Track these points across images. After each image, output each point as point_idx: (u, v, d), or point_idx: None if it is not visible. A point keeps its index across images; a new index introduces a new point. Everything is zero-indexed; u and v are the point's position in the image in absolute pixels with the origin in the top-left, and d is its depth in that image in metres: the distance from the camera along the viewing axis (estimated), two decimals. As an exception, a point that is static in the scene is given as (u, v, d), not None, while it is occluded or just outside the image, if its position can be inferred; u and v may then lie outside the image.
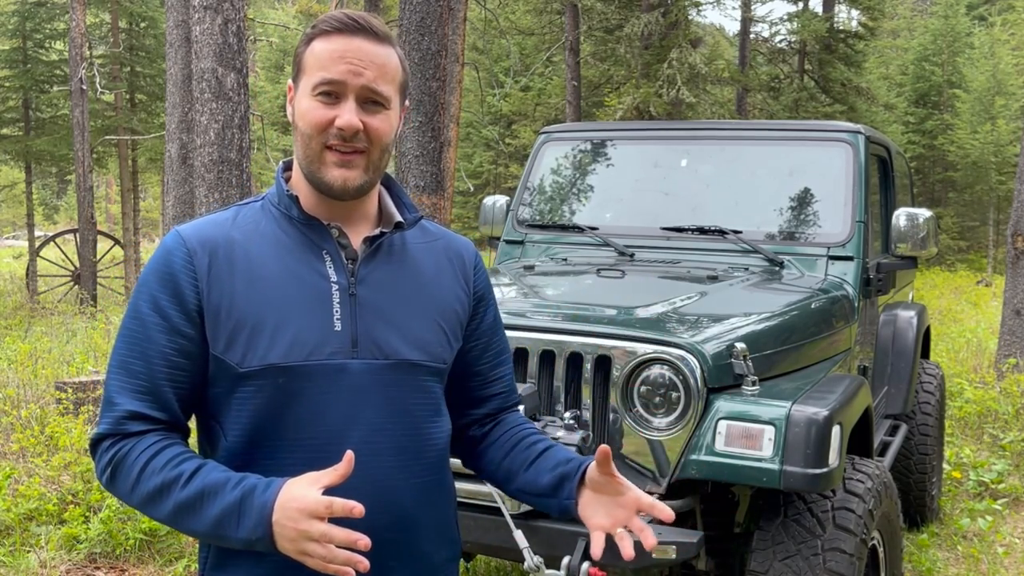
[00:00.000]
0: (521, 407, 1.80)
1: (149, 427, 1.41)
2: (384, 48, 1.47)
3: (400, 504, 1.47)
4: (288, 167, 1.56)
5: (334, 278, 1.46)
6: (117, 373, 1.43)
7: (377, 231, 1.52)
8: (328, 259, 1.47)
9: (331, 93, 1.43)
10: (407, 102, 1.56)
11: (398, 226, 1.54)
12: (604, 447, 1.47)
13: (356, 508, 1.28)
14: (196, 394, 1.47)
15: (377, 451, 1.45)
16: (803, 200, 3.95)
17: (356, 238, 1.51)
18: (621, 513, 1.51)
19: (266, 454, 1.43)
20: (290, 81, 1.52)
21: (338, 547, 1.28)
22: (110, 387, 1.43)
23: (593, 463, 1.51)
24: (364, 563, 1.29)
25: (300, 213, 1.48)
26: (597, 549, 1.50)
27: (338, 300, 1.45)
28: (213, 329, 1.42)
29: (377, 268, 1.51)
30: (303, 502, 1.28)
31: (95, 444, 1.43)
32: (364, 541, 1.28)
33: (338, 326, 1.44)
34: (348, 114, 1.42)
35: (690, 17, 17.65)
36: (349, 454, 1.31)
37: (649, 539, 1.48)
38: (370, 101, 1.45)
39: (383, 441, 1.45)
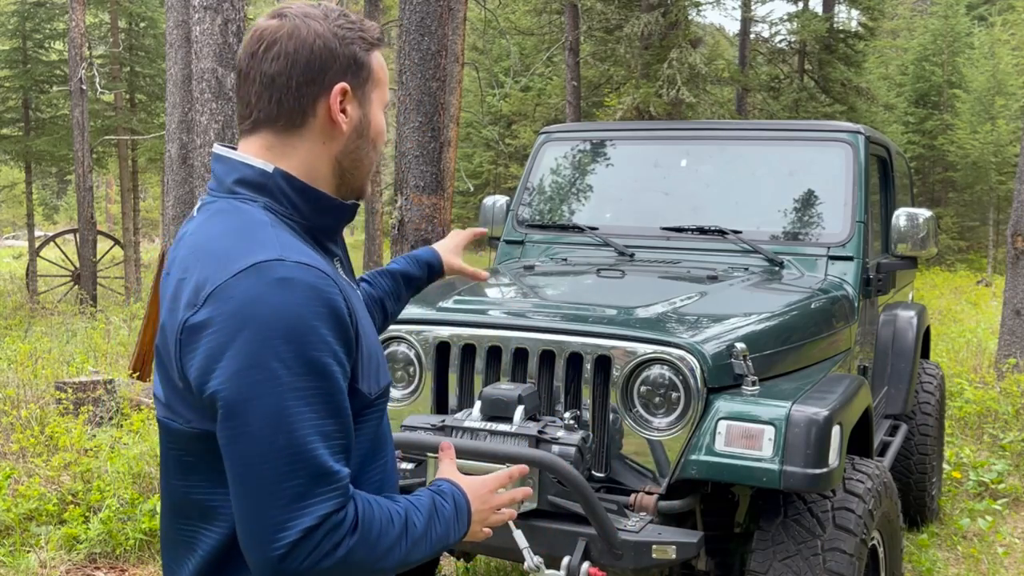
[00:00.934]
0: None
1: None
2: None
3: None
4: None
5: (354, 285, 1.48)
6: (318, 441, 1.20)
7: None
8: (339, 265, 1.45)
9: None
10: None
11: None
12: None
13: (524, 468, 1.61)
14: None
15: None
16: (803, 200, 3.95)
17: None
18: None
19: (367, 474, 1.40)
20: (344, 84, 1.37)
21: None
22: (320, 459, 1.20)
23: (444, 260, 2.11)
24: (513, 512, 1.54)
25: (336, 223, 1.43)
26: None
27: (368, 304, 1.52)
28: (362, 364, 1.33)
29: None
30: (486, 483, 1.49)
31: (316, 528, 1.19)
32: (529, 491, 1.59)
33: None
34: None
35: (690, 17, 17.65)
36: (447, 444, 1.55)
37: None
38: None
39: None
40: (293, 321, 1.20)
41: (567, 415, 2.75)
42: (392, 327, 3.00)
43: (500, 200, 4.55)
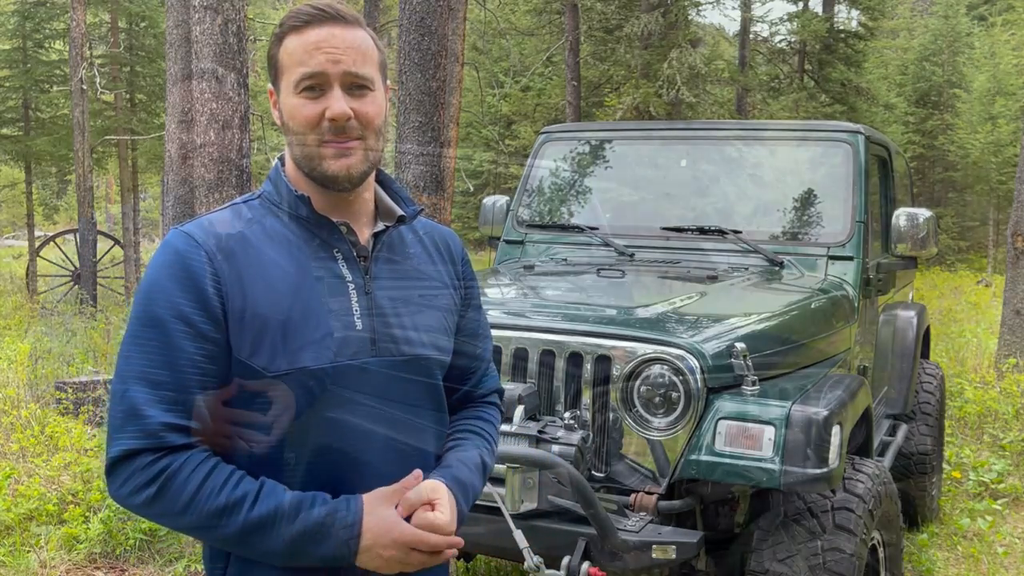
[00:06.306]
0: (497, 400, 1.76)
1: (189, 440, 1.35)
2: (356, 31, 1.46)
3: None
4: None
5: (349, 277, 1.46)
6: (139, 385, 1.34)
7: (382, 226, 1.52)
8: (340, 257, 1.47)
9: (314, 87, 1.42)
10: (388, 81, 1.55)
11: (399, 220, 1.55)
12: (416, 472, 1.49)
13: (458, 541, 1.40)
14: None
15: (401, 448, 1.48)
16: (803, 200, 3.95)
17: (361, 235, 1.51)
18: None
19: (293, 460, 1.41)
20: (270, 86, 1.50)
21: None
22: (135, 400, 1.33)
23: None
24: (453, 550, 1.40)
25: (311, 213, 1.46)
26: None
27: (356, 299, 1.46)
28: (238, 333, 1.38)
29: (386, 264, 1.52)
30: (399, 534, 1.36)
31: (123, 460, 1.33)
32: (459, 541, 1.41)
33: (359, 325, 1.45)
34: (337, 103, 1.41)
35: (690, 17, 17.63)
36: (417, 472, 1.43)
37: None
38: (355, 86, 1.44)
39: (407, 437, 1.49)
40: (151, 279, 1.39)
41: (567, 415, 2.75)
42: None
43: (500, 200, 4.55)
